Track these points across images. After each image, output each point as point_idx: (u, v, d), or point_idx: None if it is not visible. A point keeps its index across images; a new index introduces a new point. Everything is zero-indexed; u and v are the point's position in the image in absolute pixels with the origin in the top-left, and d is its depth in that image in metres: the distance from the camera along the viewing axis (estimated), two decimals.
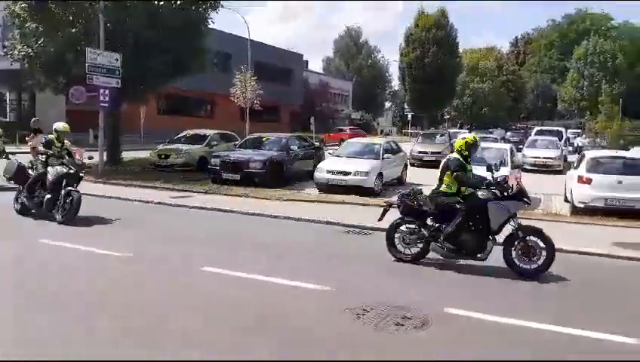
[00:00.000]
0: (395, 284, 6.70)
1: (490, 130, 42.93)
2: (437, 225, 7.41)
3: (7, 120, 41.75)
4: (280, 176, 15.30)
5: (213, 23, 19.49)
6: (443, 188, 7.48)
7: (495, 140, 25.61)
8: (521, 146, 25.46)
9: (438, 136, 27.42)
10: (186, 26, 17.69)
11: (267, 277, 6.53)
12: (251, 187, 14.09)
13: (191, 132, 20.59)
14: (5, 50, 18.48)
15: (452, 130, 35.63)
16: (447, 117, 65.43)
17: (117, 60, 16.12)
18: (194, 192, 13.61)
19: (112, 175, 15.86)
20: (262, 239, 9.22)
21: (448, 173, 7.37)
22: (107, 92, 15.95)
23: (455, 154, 7.55)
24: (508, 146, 14.74)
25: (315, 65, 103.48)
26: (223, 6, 19.04)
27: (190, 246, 8.38)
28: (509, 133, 41.96)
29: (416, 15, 55.65)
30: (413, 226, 7.55)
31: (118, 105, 18.14)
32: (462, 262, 7.41)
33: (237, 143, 18.83)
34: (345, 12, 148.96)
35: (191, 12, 18.03)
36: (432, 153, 23.31)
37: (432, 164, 21.67)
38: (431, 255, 7.50)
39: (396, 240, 7.61)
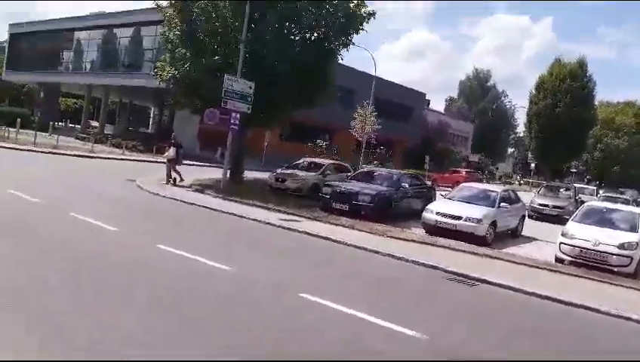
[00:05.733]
0: (499, 342, 6.39)
1: (622, 189, 39.24)
2: None
3: (149, 131, 46.31)
4: (387, 211, 15.32)
5: (342, 59, 20.23)
6: None
7: (626, 202, 23.44)
8: None
9: (562, 190, 25.69)
10: (317, 60, 18.57)
11: (363, 314, 6.51)
12: (358, 219, 14.26)
13: (308, 160, 21.47)
14: (155, 70, 20.63)
15: (578, 185, 33.18)
16: (574, 170, 60.93)
17: (251, 88, 17.32)
18: (303, 217, 14.06)
19: (231, 192, 16.91)
20: (362, 273, 9.27)
21: None
22: (238, 116, 17.19)
23: None
24: None
25: (437, 104, 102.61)
26: (354, 43, 19.66)
27: (290, 270, 8.68)
28: None
29: (551, 63, 53.12)
30: None
31: (246, 128, 19.41)
32: None
33: (349, 175, 19.20)
34: (473, 54, 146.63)
35: (323, 48, 18.89)
36: (554, 207, 21.90)
37: (553, 219, 20.41)
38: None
39: None
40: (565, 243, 11.73)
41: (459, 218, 13.42)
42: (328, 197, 15.67)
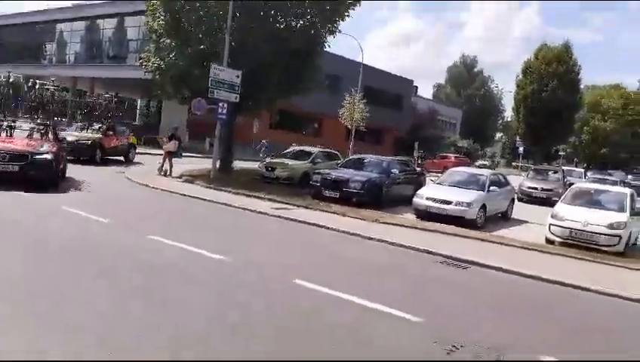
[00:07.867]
0: (493, 322, 6.46)
1: (609, 171, 39.66)
2: None
3: (137, 123, 45.95)
4: (378, 198, 15.32)
5: (329, 46, 20.09)
6: None
7: (614, 183, 23.69)
8: None
9: (550, 173, 25.94)
10: (304, 48, 18.43)
11: (358, 299, 6.53)
12: (349, 206, 14.28)
13: (297, 148, 21.41)
14: (141, 61, 20.34)
15: (566, 168, 33.46)
16: (562, 153, 61.39)
17: (238, 77, 17.17)
18: (294, 206, 14.05)
19: (222, 182, 16.82)
20: (356, 260, 9.30)
21: None
22: (226, 105, 17.06)
23: None
24: (628, 191, 13.49)
25: (426, 91, 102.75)
26: (340, 31, 19.49)
27: (285, 257, 8.69)
28: (630, 177, 38.44)
29: (537, 47, 53.30)
30: None
31: (234, 118, 19.27)
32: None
33: (339, 162, 19.20)
34: (460, 41, 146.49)
35: (309, 35, 18.74)
36: (543, 190, 22.12)
37: (542, 201, 20.62)
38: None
39: None
40: (555, 225, 11.85)
41: (449, 202, 13.50)
42: (319, 184, 15.65)
